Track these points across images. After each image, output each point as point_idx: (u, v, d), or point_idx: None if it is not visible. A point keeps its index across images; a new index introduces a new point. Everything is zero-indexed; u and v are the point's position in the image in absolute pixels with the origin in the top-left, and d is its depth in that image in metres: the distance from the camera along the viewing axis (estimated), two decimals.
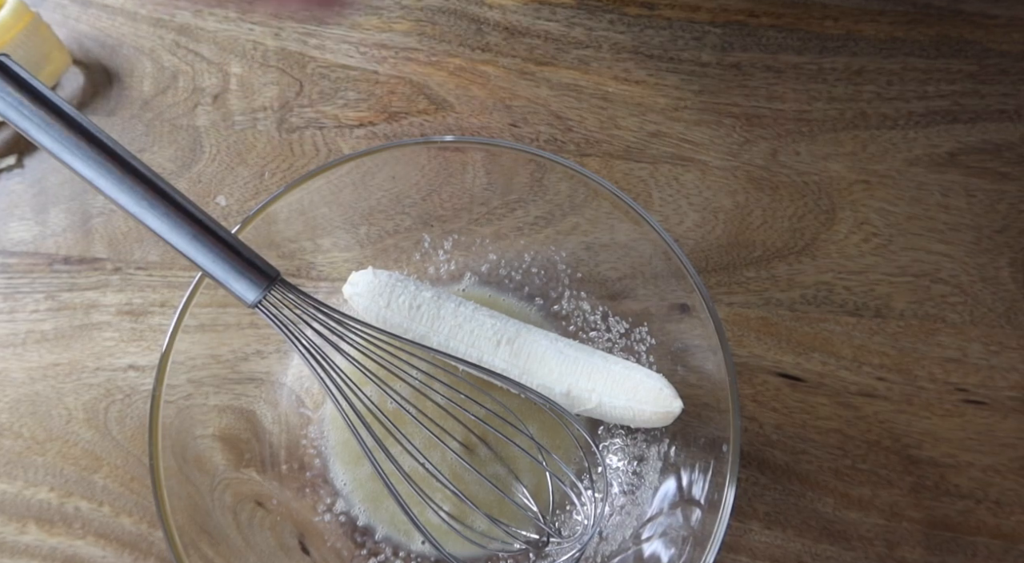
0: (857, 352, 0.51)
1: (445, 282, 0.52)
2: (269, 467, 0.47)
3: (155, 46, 0.58)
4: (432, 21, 0.59)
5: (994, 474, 0.49)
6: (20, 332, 0.52)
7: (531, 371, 0.46)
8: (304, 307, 0.39)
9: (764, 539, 0.48)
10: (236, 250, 0.36)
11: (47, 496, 0.48)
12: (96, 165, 0.33)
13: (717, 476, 0.42)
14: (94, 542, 0.48)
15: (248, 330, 0.48)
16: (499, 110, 0.57)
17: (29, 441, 0.50)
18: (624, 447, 0.48)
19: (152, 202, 0.34)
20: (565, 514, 0.47)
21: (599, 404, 0.45)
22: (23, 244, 0.54)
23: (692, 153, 0.56)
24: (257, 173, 0.55)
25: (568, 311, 0.51)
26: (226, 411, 0.47)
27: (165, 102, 0.57)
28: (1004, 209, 0.54)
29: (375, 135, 0.56)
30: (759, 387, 0.50)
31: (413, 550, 0.47)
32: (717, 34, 0.59)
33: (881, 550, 0.47)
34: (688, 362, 0.46)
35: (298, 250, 0.50)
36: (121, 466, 0.49)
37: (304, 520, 0.47)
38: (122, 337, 0.52)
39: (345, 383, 0.40)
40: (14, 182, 0.55)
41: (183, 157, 0.56)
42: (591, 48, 0.58)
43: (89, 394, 0.50)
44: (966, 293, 0.52)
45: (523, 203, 0.50)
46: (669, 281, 0.45)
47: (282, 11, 0.59)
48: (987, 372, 0.51)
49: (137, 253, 0.53)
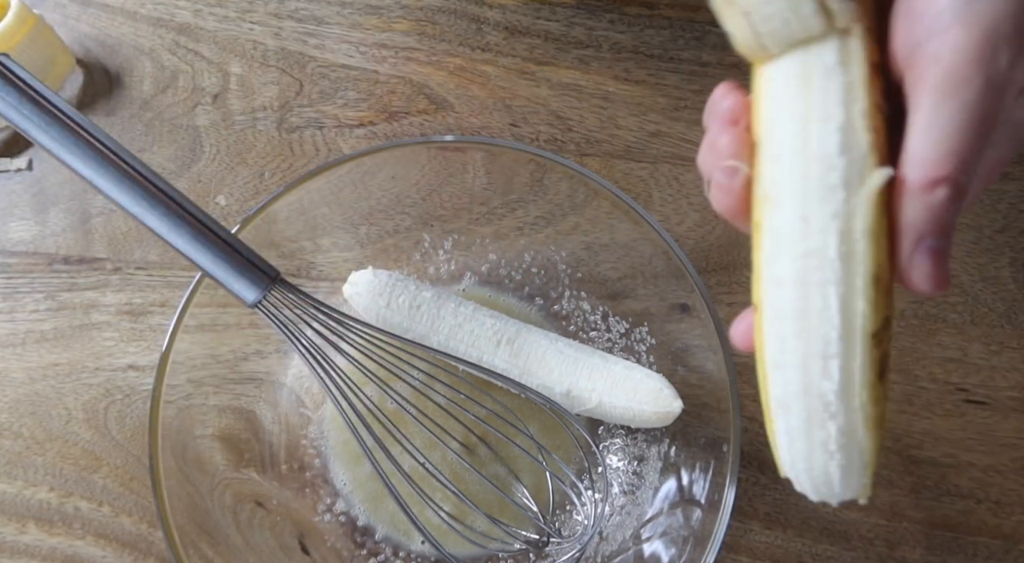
0: None
1: (445, 282, 0.52)
2: (269, 467, 0.47)
3: (155, 46, 0.58)
4: (432, 21, 0.59)
5: (994, 474, 0.49)
6: (20, 332, 0.52)
7: (531, 371, 0.46)
8: (304, 307, 0.39)
9: (764, 539, 0.48)
10: (236, 250, 0.36)
11: (47, 496, 0.48)
12: (96, 165, 0.33)
13: (717, 476, 0.42)
14: (94, 542, 0.48)
15: (248, 330, 0.48)
16: (499, 110, 0.57)
17: (29, 441, 0.50)
18: (624, 447, 0.48)
19: (152, 202, 0.34)
20: (565, 514, 0.47)
21: (599, 404, 0.45)
22: (23, 244, 0.54)
23: (692, 153, 0.56)
24: (257, 173, 0.55)
25: (568, 311, 0.51)
26: (226, 411, 0.47)
27: (165, 102, 0.57)
28: (1004, 209, 0.54)
29: (375, 135, 0.56)
30: (759, 387, 0.50)
31: (413, 550, 0.47)
32: (717, 34, 0.59)
33: (881, 550, 0.47)
34: (688, 362, 0.46)
35: (298, 250, 0.49)
36: (121, 466, 0.49)
37: (304, 520, 0.47)
38: (122, 337, 0.52)
39: (345, 383, 0.40)
40: (14, 182, 0.55)
41: (183, 157, 0.56)
42: (591, 48, 0.58)
43: (89, 394, 0.50)
44: (966, 293, 0.52)
45: (523, 203, 0.50)
46: (669, 281, 0.45)
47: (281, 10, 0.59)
48: (987, 372, 0.51)
49: (137, 253, 0.53)
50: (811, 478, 0.26)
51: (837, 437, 0.25)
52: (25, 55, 0.53)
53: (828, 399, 0.24)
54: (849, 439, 0.25)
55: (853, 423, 0.24)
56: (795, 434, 0.26)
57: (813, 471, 0.26)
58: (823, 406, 0.24)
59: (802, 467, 0.26)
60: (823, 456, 0.25)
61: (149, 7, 0.59)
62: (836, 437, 0.25)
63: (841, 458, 0.25)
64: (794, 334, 0.25)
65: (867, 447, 0.25)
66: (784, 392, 0.25)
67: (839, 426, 0.24)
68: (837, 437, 0.25)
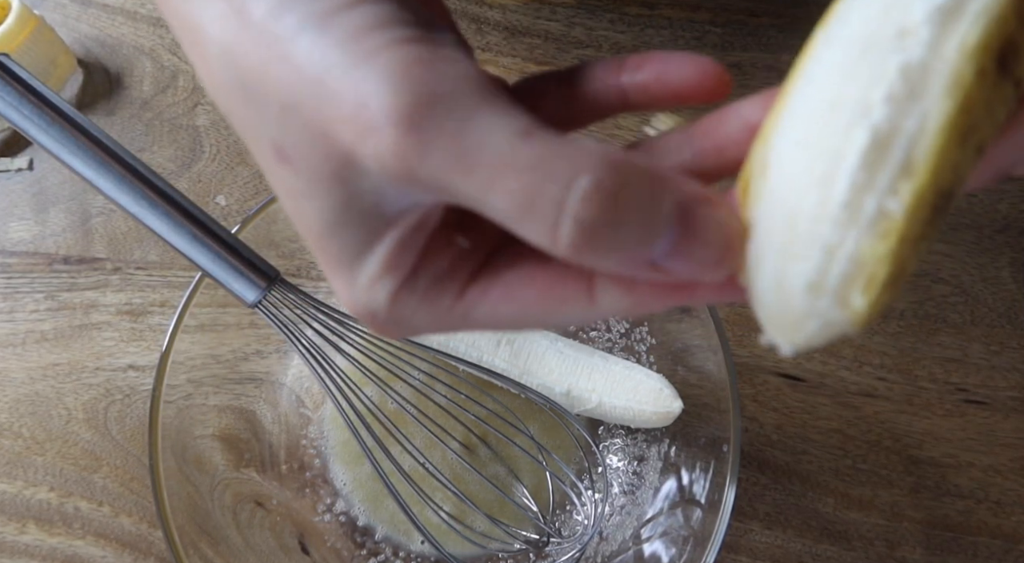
0: (857, 352, 0.51)
1: None
2: (269, 467, 0.47)
3: (155, 45, 0.58)
4: None
5: (994, 474, 0.49)
6: (20, 332, 0.52)
7: (531, 371, 0.46)
8: (304, 307, 0.39)
9: (764, 539, 0.48)
10: (236, 250, 0.36)
11: (47, 496, 0.48)
12: (96, 165, 0.33)
13: (717, 476, 0.42)
14: (94, 542, 0.48)
15: (248, 330, 0.48)
16: None
17: (29, 441, 0.50)
18: (624, 447, 0.48)
19: (152, 202, 0.34)
20: (565, 514, 0.47)
21: (599, 404, 0.45)
22: (23, 244, 0.54)
23: None
24: (257, 173, 0.55)
25: None
26: (226, 411, 0.47)
27: (165, 102, 0.57)
28: (1005, 209, 0.54)
29: None
30: (759, 387, 0.50)
31: (413, 550, 0.47)
32: (718, 34, 0.59)
33: (882, 550, 0.47)
34: (688, 362, 0.46)
35: (298, 250, 0.49)
36: (121, 466, 0.49)
37: (304, 520, 0.47)
38: (122, 337, 0.52)
39: (345, 383, 0.40)
40: (14, 182, 0.55)
41: (183, 157, 0.56)
42: (591, 48, 0.58)
43: (89, 394, 0.50)
44: (967, 293, 0.52)
45: None
46: None
47: None
48: (988, 372, 0.51)
49: (137, 253, 0.53)
50: (785, 290, 0.18)
51: (836, 233, 0.17)
52: (27, 57, 0.53)
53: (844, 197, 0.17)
54: (860, 243, 0.17)
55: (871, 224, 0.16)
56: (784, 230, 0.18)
57: (792, 279, 0.17)
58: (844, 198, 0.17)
59: (781, 275, 0.18)
60: (819, 257, 0.17)
61: (149, 7, 0.59)
62: (835, 233, 0.17)
63: (844, 265, 0.17)
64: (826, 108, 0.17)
65: (881, 256, 0.17)
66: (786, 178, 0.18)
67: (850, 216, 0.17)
68: (836, 233, 0.17)
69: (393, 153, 0.16)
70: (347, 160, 0.16)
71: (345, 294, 0.19)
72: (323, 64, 0.16)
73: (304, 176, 0.17)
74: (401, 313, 0.18)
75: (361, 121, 0.15)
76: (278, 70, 0.16)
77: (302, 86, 0.16)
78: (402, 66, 0.15)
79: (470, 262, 0.19)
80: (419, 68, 0.15)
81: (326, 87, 0.16)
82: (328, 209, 0.17)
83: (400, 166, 0.16)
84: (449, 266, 0.19)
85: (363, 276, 0.18)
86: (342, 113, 0.16)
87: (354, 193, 0.17)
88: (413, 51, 0.16)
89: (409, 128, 0.15)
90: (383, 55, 0.15)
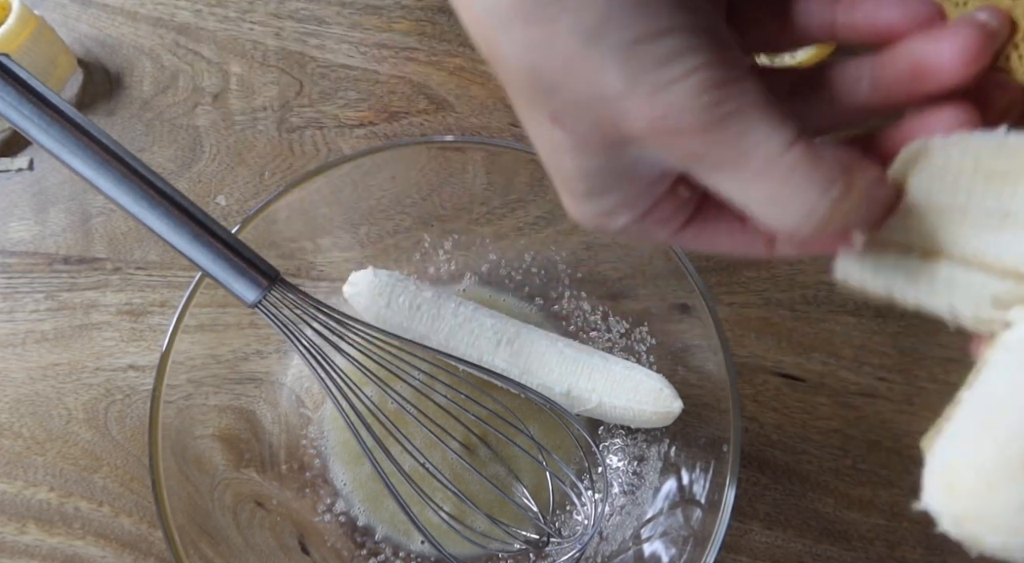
0: (858, 352, 0.51)
1: (445, 282, 0.52)
2: (269, 467, 0.47)
3: (155, 46, 0.58)
4: (432, 21, 0.59)
5: None
6: (20, 332, 0.52)
7: (531, 371, 0.46)
8: (304, 307, 0.39)
9: (764, 539, 0.48)
10: (236, 250, 0.36)
11: (47, 496, 0.48)
12: (96, 165, 0.33)
13: (717, 476, 0.42)
14: (94, 542, 0.48)
15: (248, 330, 0.48)
16: (499, 110, 0.57)
17: (29, 441, 0.50)
18: (624, 447, 0.48)
19: (152, 202, 0.34)
20: (565, 514, 0.47)
21: (599, 404, 0.45)
22: (23, 244, 0.54)
23: None
24: (257, 173, 0.55)
25: (568, 311, 0.51)
26: (226, 411, 0.47)
27: (165, 102, 0.57)
28: None
29: (375, 135, 0.56)
30: (759, 387, 0.50)
31: (413, 550, 0.47)
32: None
33: (882, 550, 0.47)
34: (688, 362, 0.46)
35: (298, 250, 0.49)
36: (121, 466, 0.49)
37: (304, 520, 0.47)
38: (122, 337, 0.52)
39: (345, 383, 0.40)
40: (14, 182, 0.55)
41: (183, 157, 0.56)
42: None
43: (89, 394, 0.50)
44: None
45: (523, 203, 0.50)
46: (669, 281, 0.45)
47: (281, 10, 0.59)
48: None
49: (137, 253, 0.53)
50: None
51: None
52: (27, 57, 0.53)
53: None
54: None
55: None
56: None
57: None
58: None
59: None
60: None
61: (149, 7, 0.59)
62: None
63: None
64: None
65: None
66: None
67: None
68: None
69: (688, 150, 0.21)
70: (622, 139, 0.21)
71: (576, 212, 0.24)
72: (631, 83, 0.20)
73: (573, 137, 0.22)
74: (627, 234, 0.24)
75: (666, 125, 0.20)
76: (577, 82, 0.20)
77: (602, 91, 0.20)
78: (697, 90, 0.20)
79: (686, 209, 0.25)
80: (714, 93, 0.20)
81: (627, 96, 0.20)
82: (587, 164, 0.22)
83: (688, 156, 0.21)
84: (672, 212, 0.24)
85: (601, 206, 0.23)
86: (640, 114, 0.20)
87: (615, 156, 0.22)
88: (706, 77, 0.20)
89: (703, 135, 0.20)
90: (681, 83, 0.20)
